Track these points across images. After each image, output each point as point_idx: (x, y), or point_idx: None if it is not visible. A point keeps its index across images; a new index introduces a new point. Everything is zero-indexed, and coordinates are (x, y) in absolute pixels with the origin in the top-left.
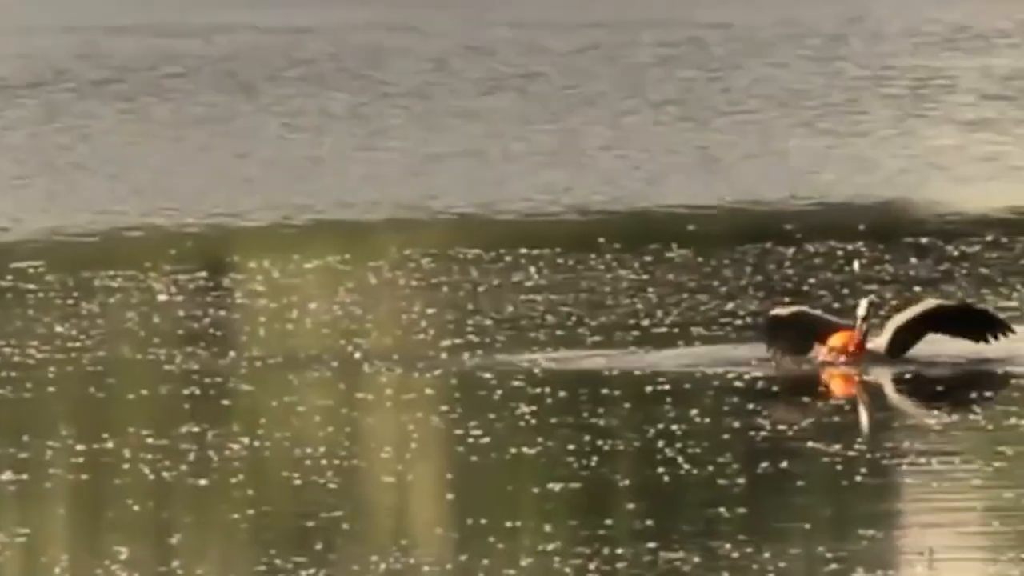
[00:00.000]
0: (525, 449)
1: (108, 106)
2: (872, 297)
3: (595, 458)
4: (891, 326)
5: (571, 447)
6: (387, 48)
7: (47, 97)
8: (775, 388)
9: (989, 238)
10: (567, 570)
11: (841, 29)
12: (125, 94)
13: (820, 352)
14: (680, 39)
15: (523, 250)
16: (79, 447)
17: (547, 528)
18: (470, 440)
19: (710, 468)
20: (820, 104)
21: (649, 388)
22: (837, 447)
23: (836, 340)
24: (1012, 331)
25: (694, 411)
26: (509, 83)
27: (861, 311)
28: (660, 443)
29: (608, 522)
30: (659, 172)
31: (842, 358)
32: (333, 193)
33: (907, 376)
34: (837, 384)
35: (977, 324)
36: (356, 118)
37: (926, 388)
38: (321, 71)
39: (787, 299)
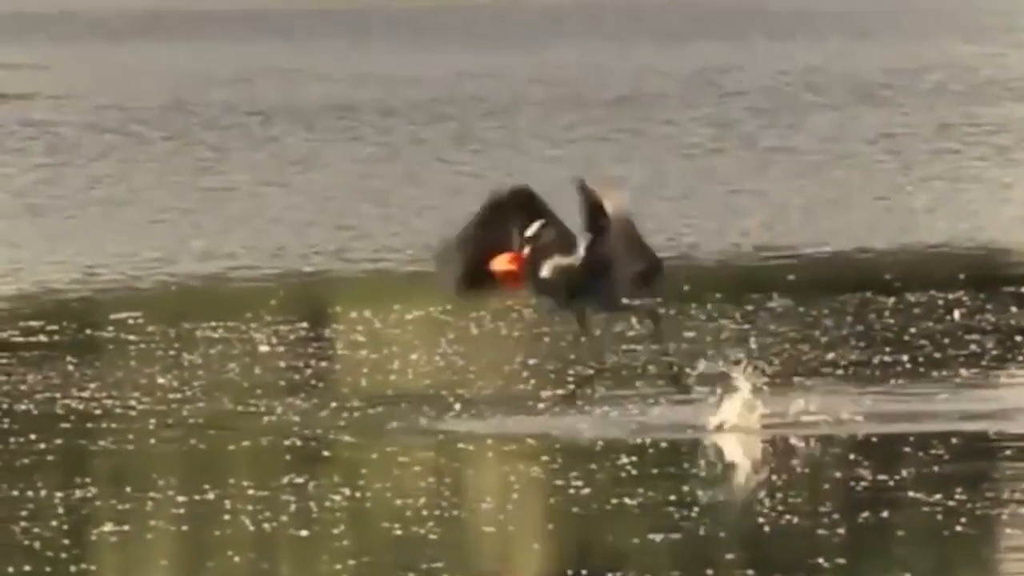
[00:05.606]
0: (626, 500)
1: (188, 154)
2: (546, 221)
3: (695, 509)
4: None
5: (672, 498)
6: (472, 92)
7: (122, 143)
8: (875, 438)
9: None
10: None
11: (941, 74)
12: (205, 140)
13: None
14: (773, 82)
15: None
16: (180, 498)
17: None
18: (571, 491)
19: (810, 518)
20: (921, 150)
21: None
22: (937, 497)
23: (498, 264)
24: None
25: (794, 461)
26: (594, 122)
27: (530, 232)
28: (760, 493)
29: (709, 572)
30: (760, 221)
31: (507, 284)
32: (433, 241)
33: (1002, 423)
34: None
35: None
36: (448, 163)
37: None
38: (414, 116)
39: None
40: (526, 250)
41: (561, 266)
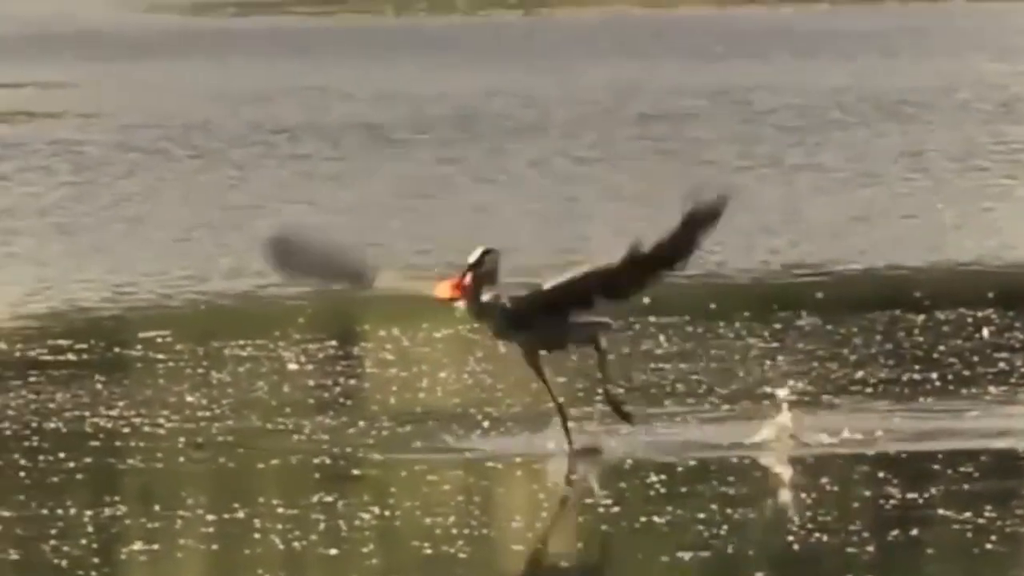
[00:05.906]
0: (655, 518)
1: (215, 172)
2: (489, 248)
3: (725, 527)
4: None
5: (701, 515)
6: (499, 110)
7: (148, 162)
8: (904, 456)
9: None
10: None
11: (968, 93)
12: (231, 158)
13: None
14: (800, 101)
15: (652, 318)
16: (209, 517)
17: None
18: (600, 509)
19: (840, 536)
20: (948, 168)
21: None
22: (967, 514)
23: (440, 291)
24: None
25: (824, 479)
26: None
27: (472, 257)
28: (789, 511)
29: None
30: (788, 239)
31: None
32: (460, 260)
33: None
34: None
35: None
36: (475, 181)
37: None
38: (441, 135)
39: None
40: (468, 277)
41: (501, 296)
